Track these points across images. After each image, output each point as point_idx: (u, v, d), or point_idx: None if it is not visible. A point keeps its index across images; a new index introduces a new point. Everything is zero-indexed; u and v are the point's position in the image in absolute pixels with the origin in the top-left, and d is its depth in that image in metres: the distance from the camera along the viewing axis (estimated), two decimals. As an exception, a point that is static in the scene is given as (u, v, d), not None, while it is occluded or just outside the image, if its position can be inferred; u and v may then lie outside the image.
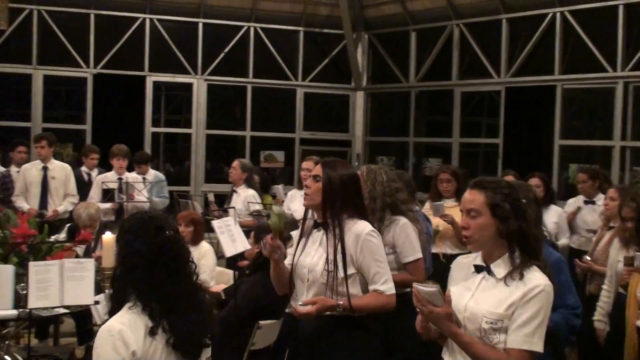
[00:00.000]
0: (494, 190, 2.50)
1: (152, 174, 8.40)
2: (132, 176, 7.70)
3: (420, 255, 3.88)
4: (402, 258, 3.87)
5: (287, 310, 4.70)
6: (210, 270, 5.57)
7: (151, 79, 11.66)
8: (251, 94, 12.15)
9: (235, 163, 7.34)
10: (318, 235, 3.22)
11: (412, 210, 4.09)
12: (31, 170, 7.52)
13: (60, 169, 7.61)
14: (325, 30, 12.43)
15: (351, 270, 3.08)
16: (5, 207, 7.09)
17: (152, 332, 2.27)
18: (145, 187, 7.65)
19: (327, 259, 3.09)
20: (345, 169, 3.22)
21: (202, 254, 5.56)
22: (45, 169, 7.52)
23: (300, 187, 6.89)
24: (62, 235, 5.90)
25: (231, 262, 5.66)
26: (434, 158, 12.06)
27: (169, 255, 2.33)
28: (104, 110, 11.44)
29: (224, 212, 6.73)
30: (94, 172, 8.14)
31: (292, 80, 12.35)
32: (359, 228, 3.10)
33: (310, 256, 3.19)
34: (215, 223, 4.93)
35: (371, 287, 3.10)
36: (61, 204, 7.53)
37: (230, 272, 5.62)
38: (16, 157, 8.17)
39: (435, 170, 7.55)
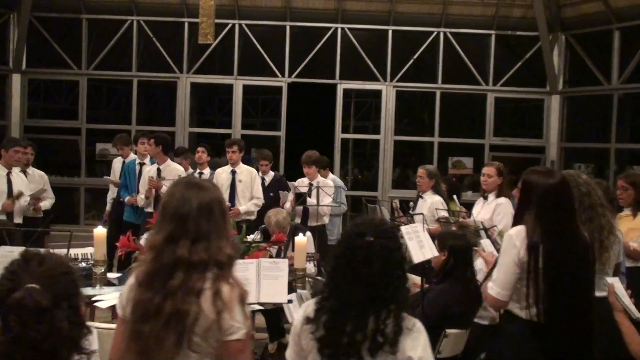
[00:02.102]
0: None
1: (331, 178, 8.55)
2: (322, 181, 7.87)
3: None
4: None
5: (475, 320, 4.61)
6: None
7: (342, 86, 11.97)
8: (440, 99, 12.04)
9: (421, 171, 7.33)
10: None
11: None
12: (222, 174, 7.95)
13: (246, 173, 7.92)
14: (519, 33, 11.98)
15: None
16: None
17: None
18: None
19: None
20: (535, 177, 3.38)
21: None
22: (233, 172, 7.88)
23: (483, 194, 6.63)
24: (257, 236, 6.21)
25: (419, 269, 5.60)
26: (638, 166, 11.14)
27: None
28: (297, 117, 11.96)
29: (411, 219, 6.68)
30: (268, 177, 8.48)
31: (482, 85, 12.04)
32: None
33: None
34: (404, 229, 4.90)
35: None
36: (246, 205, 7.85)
37: (418, 279, 5.57)
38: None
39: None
